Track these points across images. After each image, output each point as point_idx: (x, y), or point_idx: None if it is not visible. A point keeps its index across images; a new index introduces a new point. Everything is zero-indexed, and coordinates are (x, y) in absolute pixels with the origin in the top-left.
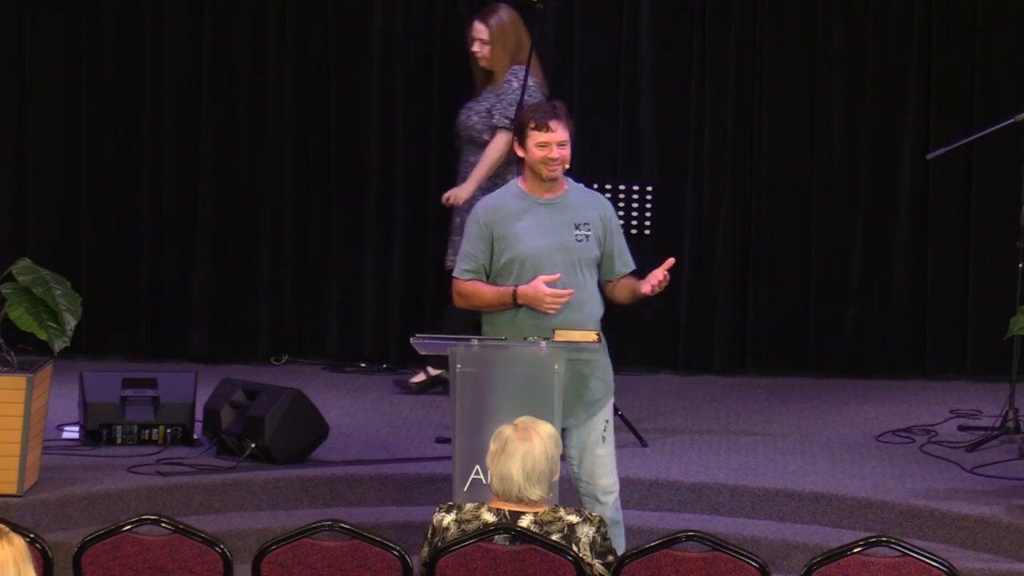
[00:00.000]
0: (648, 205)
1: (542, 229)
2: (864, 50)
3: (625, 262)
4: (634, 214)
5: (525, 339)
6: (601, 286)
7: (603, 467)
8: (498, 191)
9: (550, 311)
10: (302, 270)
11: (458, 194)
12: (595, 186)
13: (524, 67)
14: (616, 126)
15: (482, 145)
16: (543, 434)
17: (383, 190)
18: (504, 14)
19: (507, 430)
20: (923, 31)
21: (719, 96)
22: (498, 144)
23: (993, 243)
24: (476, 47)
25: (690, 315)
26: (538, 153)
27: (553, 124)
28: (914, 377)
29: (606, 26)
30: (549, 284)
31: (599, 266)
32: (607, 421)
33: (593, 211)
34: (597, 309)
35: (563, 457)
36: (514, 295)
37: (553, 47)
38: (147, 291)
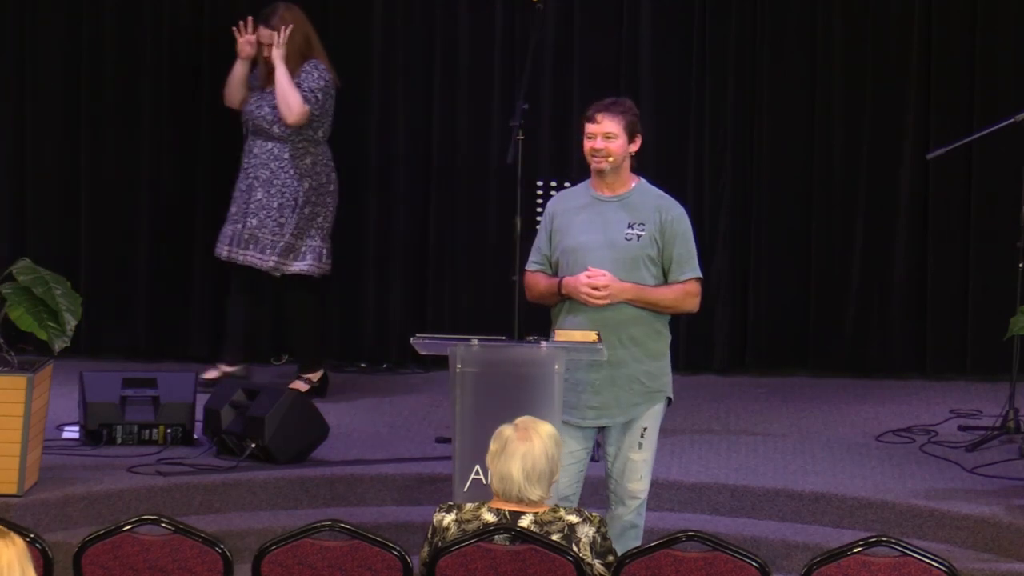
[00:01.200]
0: None
1: (594, 224)
2: (864, 50)
3: (684, 269)
4: None
5: (525, 339)
6: None
7: (634, 472)
8: (572, 187)
9: (590, 302)
10: None
11: None
12: None
13: (316, 60)
14: None
15: (271, 137)
16: (543, 434)
17: (383, 190)
18: (285, 13)
19: (507, 430)
20: (923, 31)
21: (719, 96)
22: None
23: (993, 243)
24: (267, 52)
25: (690, 315)
26: (586, 144)
27: (600, 116)
28: (914, 377)
29: (606, 26)
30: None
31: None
32: (646, 428)
33: (654, 213)
34: (644, 314)
35: (595, 458)
36: (559, 285)
37: (553, 47)
38: (147, 291)
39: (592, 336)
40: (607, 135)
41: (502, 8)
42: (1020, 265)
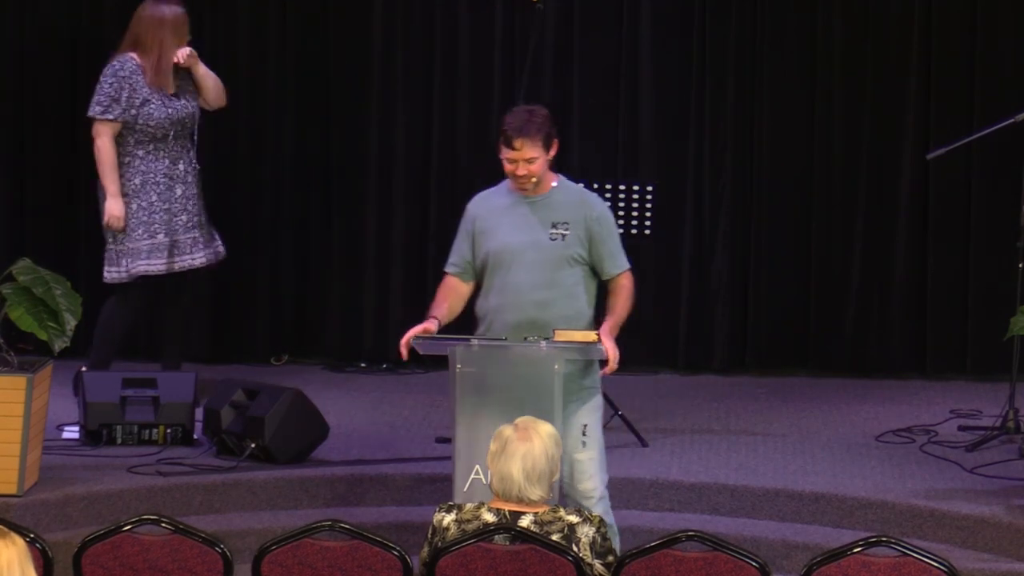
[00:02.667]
0: (648, 205)
1: (518, 226)
2: (864, 50)
3: (617, 263)
4: (634, 214)
5: (525, 339)
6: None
7: (582, 472)
8: (492, 188)
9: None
10: (302, 270)
11: (111, 213)
12: (595, 186)
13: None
14: (616, 126)
15: (191, 136)
16: (543, 434)
17: (383, 190)
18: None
19: (507, 430)
20: (923, 31)
21: (719, 96)
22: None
23: (993, 243)
24: (175, 58)
25: (690, 315)
26: (507, 166)
27: (519, 143)
28: (914, 377)
29: (606, 26)
30: (514, 277)
31: (591, 266)
32: (586, 425)
33: (577, 211)
34: (570, 309)
35: None
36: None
37: (553, 47)
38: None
39: (592, 336)
40: (528, 160)
41: (502, 8)
42: (1020, 265)
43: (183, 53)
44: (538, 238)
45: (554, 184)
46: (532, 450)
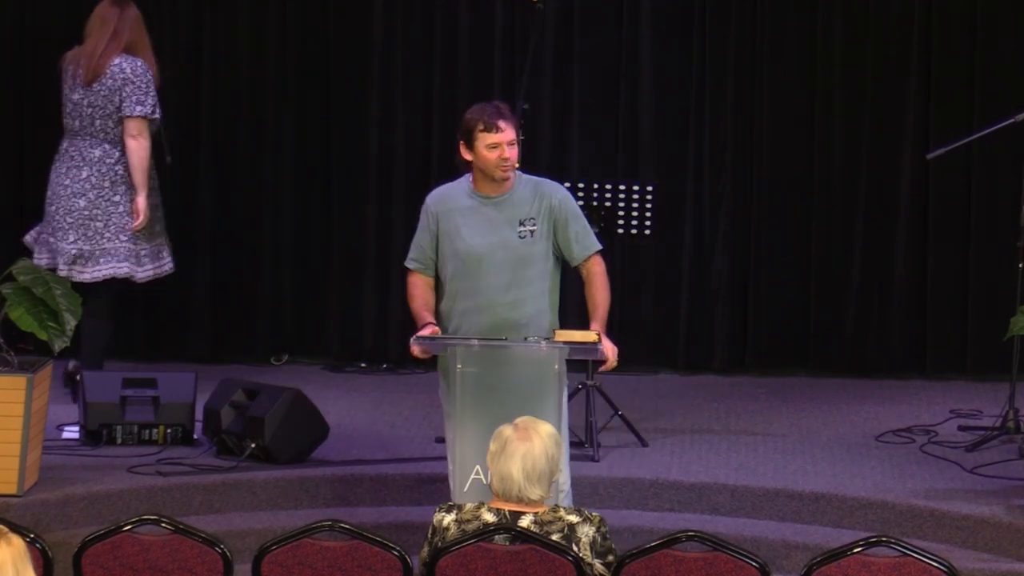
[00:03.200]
0: (648, 205)
1: (485, 228)
2: (864, 50)
3: (585, 245)
4: (634, 214)
5: (525, 339)
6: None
7: None
8: (451, 183)
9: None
10: (302, 270)
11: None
12: (595, 186)
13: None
14: (616, 126)
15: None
16: (543, 434)
17: (383, 190)
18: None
19: (507, 430)
20: (923, 31)
21: (719, 96)
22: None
23: (993, 243)
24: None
25: (690, 315)
26: (490, 155)
27: (502, 124)
28: (914, 377)
29: (606, 26)
30: (484, 280)
31: (558, 256)
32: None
33: (539, 203)
34: (542, 308)
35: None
36: (424, 324)
37: (553, 47)
38: (147, 291)
39: (592, 336)
40: (511, 143)
41: (502, 8)
42: (1020, 265)
43: None
44: (506, 238)
45: (515, 179)
46: (532, 450)
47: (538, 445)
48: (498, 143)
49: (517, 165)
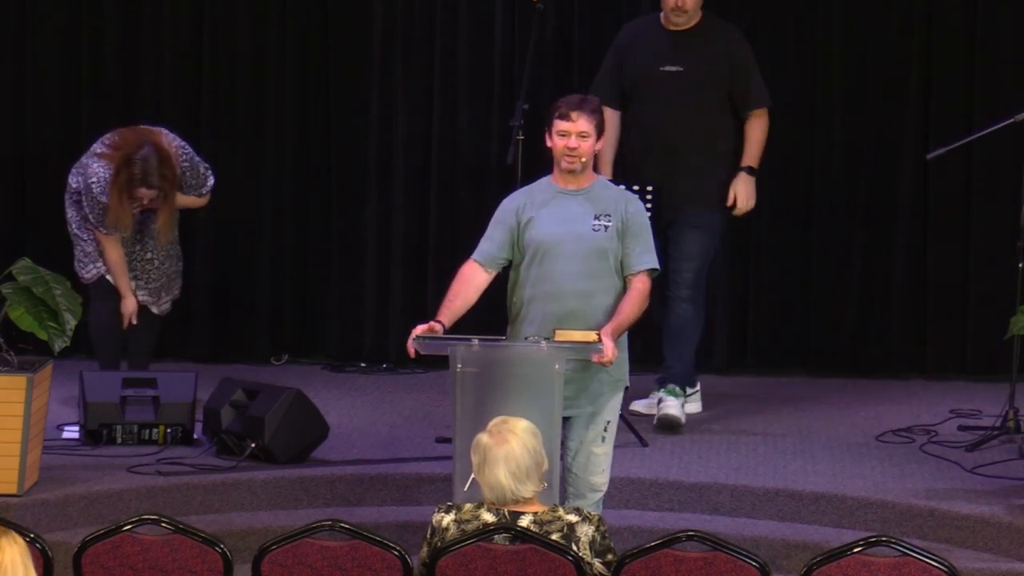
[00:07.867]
0: (648, 205)
1: (561, 217)
2: (864, 50)
3: (640, 261)
4: None
5: (525, 339)
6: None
7: (597, 465)
8: (531, 184)
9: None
10: (302, 270)
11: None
12: None
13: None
14: None
15: None
16: (519, 431)
17: (383, 190)
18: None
19: (483, 438)
20: (923, 31)
21: None
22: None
23: (993, 243)
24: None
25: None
26: (560, 142)
27: (575, 115)
28: (914, 377)
29: (606, 26)
30: (555, 266)
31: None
32: (609, 421)
33: (617, 205)
34: (609, 301)
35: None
36: (442, 326)
37: (553, 47)
38: None
39: (592, 336)
40: (581, 134)
41: (502, 8)
42: (1020, 265)
43: None
44: (581, 228)
45: (595, 179)
46: (512, 451)
47: (516, 444)
48: (567, 131)
49: (585, 160)
